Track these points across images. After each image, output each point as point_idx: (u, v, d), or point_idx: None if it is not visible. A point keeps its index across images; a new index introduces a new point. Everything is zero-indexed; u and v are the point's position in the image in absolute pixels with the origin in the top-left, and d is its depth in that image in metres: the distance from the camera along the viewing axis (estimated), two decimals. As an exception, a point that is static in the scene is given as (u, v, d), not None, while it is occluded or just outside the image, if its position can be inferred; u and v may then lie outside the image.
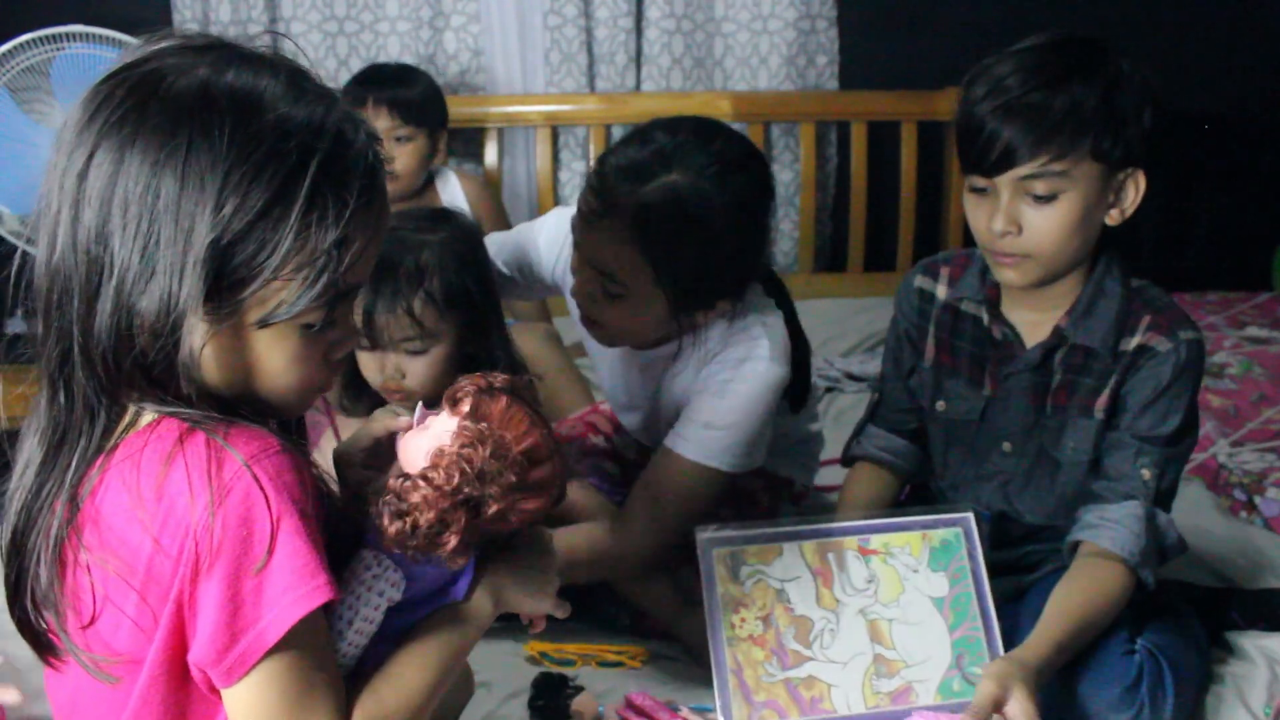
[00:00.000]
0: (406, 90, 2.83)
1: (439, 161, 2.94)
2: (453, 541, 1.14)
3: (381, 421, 1.29)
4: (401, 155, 2.79)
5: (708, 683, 1.62)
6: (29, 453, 1.09)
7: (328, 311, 1.08)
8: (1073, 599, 1.61)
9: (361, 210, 1.06)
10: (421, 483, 1.14)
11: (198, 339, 1.03)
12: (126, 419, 1.07)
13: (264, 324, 1.05)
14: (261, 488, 1.02)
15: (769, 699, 1.59)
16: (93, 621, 1.07)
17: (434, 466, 1.15)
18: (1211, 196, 3.50)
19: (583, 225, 1.68)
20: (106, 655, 1.07)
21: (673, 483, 1.77)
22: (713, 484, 1.77)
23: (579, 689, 1.70)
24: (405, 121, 2.79)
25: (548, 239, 1.96)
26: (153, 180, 1.00)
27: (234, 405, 1.08)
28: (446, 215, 1.86)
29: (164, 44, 1.06)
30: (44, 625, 1.09)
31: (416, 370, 1.75)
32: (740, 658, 1.60)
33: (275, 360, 1.08)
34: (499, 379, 1.22)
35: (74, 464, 1.06)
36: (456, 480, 1.14)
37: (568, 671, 1.76)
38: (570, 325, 2.11)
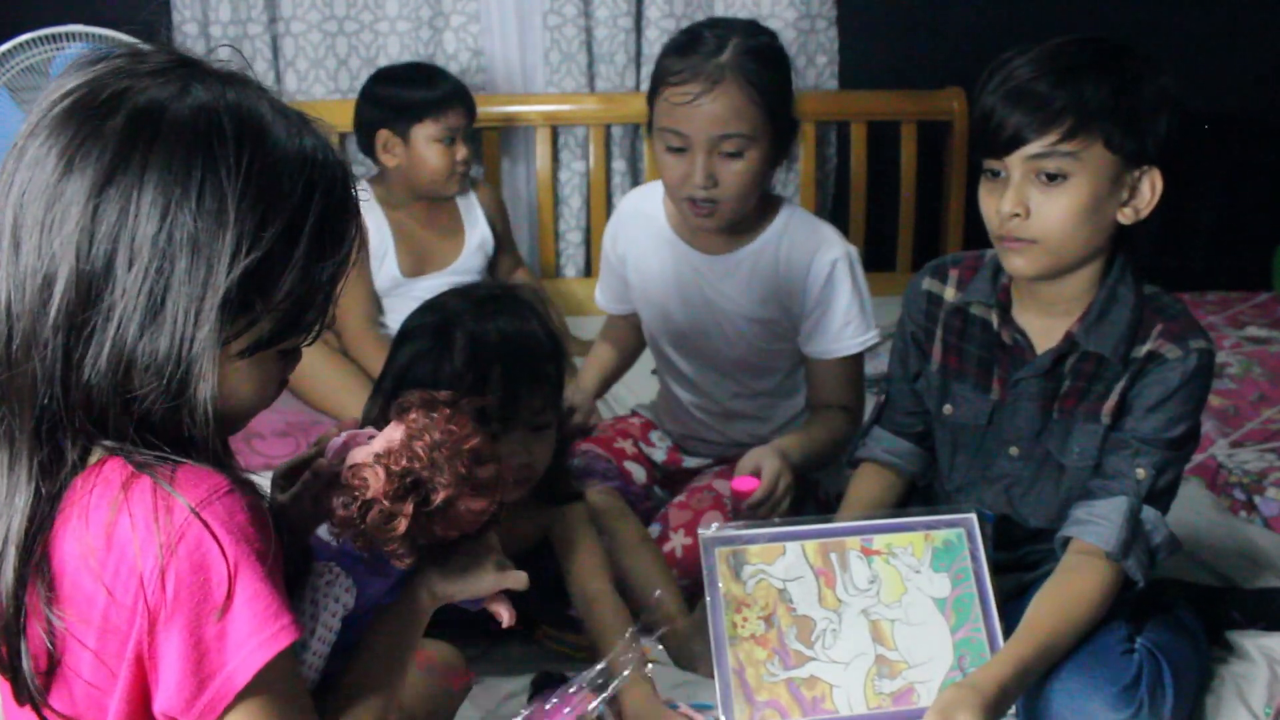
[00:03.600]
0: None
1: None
2: (401, 526, 1.14)
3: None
4: (464, 151, 2.82)
5: (709, 680, 1.62)
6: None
7: (306, 338, 1.08)
8: (1045, 610, 1.61)
9: (348, 256, 1.06)
10: (373, 463, 1.15)
11: (211, 378, 0.99)
12: (72, 458, 1.02)
13: (248, 354, 1.03)
14: (213, 533, 0.98)
15: (771, 699, 1.59)
16: (51, 671, 1.03)
17: (385, 453, 1.17)
18: (1211, 196, 3.51)
19: (691, 109, 1.92)
20: (62, 708, 1.04)
21: (851, 373, 2.13)
22: (863, 361, 2.17)
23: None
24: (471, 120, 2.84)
25: (611, 239, 2.23)
26: (166, 218, 0.97)
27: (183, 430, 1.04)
28: (515, 288, 1.89)
29: (126, 63, 1.02)
30: (16, 663, 1.04)
31: (542, 451, 1.72)
32: (742, 657, 1.60)
33: (250, 386, 1.06)
34: (442, 394, 1.25)
35: (29, 508, 1.01)
36: (405, 462, 1.15)
37: (568, 666, 1.76)
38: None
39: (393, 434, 1.20)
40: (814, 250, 2.05)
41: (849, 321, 2.07)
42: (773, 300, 2.08)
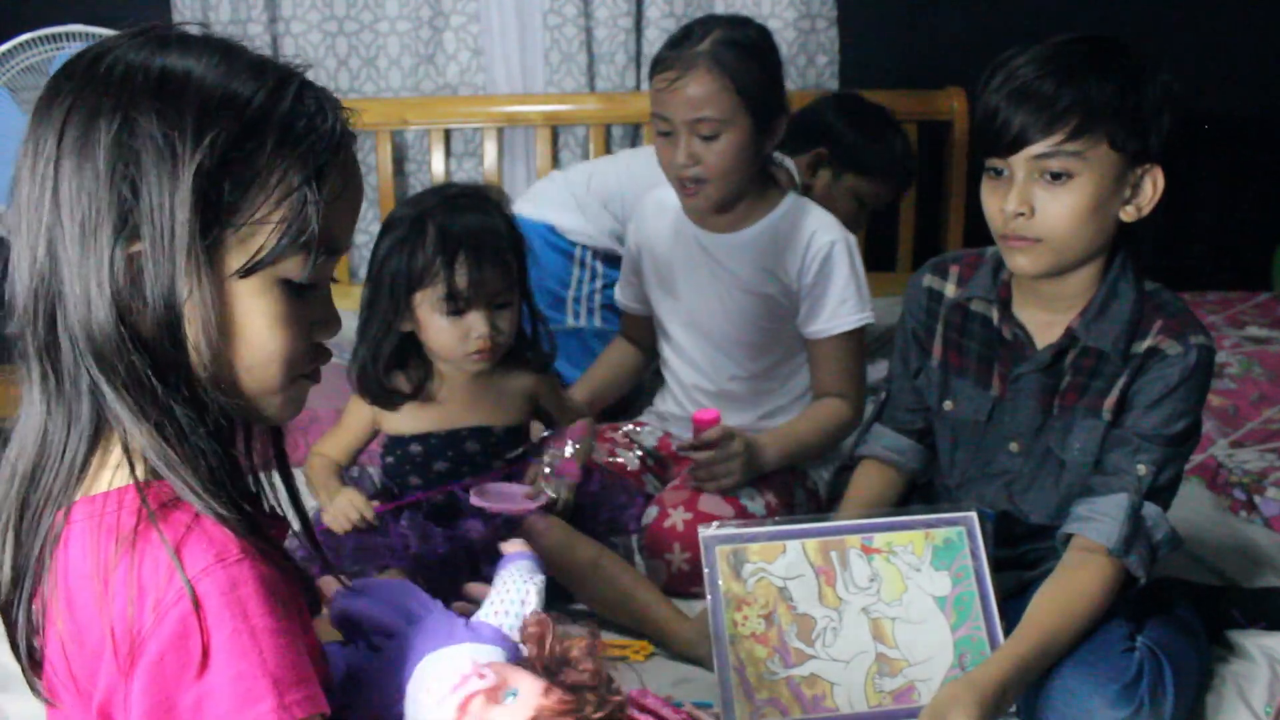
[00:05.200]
0: None
1: None
2: None
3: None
4: None
5: (710, 677, 1.62)
6: (15, 460, 1.04)
7: (309, 262, 1.05)
8: (1045, 607, 1.62)
9: (330, 154, 1.05)
10: None
11: (206, 291, 1.00)
12: (88, 410, 1.02)
13: (247, 272, 1.02)
14: (199, 609, 0.96)
15: (771, 697, 1.59)
16: (41, 663, 1.04)
17: None
18: (1211, 196, 3.51)
19: (670, 93, 2.07)
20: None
21: (849, 355, 2.20)
22: (863, 337, 2.24)
23: (580, 687, 1.70)
24: None
25: (632, 231, 2.37)
26: (127, 121, 0.98)
27: (213, 413, 1.04)
28: (483, 188, 2.04)
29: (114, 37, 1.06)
30: (21, 646, 1.05)
31: (505, 324, 1.91)
32: (743, 655, 1.61)
33: (258, 320, 1.04)
34: (564, 653, 1.19)
35: (55, 483, 1.02)
36: None
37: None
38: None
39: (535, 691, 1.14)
40: (813, 231, 2.17)
41: (845, 300, 2.16)
42: (772, 275, 2.18)
